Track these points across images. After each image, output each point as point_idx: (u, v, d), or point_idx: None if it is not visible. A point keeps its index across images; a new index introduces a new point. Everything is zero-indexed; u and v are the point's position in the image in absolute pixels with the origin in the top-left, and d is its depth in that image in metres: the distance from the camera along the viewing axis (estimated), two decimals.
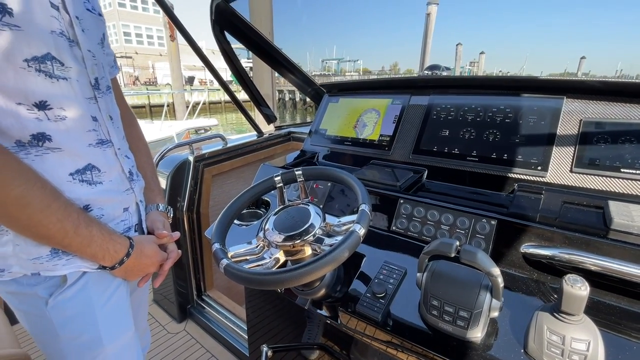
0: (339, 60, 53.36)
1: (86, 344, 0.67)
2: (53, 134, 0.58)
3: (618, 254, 0.62)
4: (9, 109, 0.53)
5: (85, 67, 0.63)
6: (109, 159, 0.68)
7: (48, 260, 0.60)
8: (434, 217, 0.84)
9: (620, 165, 0.82)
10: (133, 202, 0.75)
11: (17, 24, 0.51)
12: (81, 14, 0.65)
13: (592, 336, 0.51)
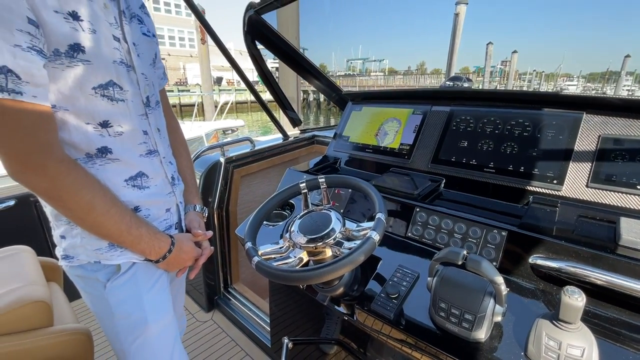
0: (364, 60, 52.98)
1: (134, 323, 0.78)
2: (113, 147, 0.69)
3: (623, 269, 0.65)
4: (80, 128, 0.64)
5: (139, 89, 0.73)
6: (155, 167, 0.78)
7: (107, 252, 0.72)
8: (447, 225, 0.89)
9: (637, 182, 0.83)
10: (174, 203, 0.85)
11: (88, 59, 0.61)
12: (137, 39, 0.75)
13: (588, 343, 0.55)
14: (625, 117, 0.91)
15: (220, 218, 1.85)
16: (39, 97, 0.56)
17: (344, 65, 59.14)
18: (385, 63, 57.40)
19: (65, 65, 0.58)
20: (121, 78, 0.68)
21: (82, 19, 0.59)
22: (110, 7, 0.66)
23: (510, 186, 1.00)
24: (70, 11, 0.58)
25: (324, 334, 1.18)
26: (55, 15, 0.56)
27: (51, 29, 0.55)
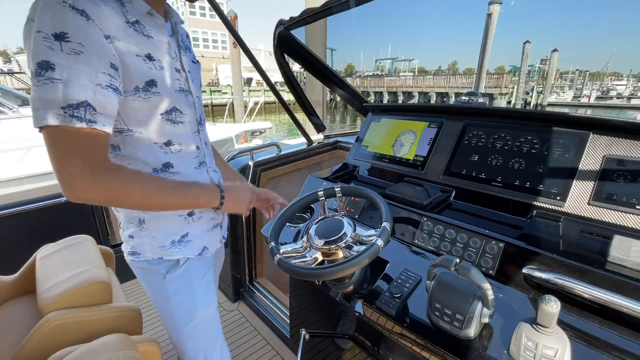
0: (393, 60, 52.17)
1: (188, 309, 0.93)
2: (174, 162, 0.80)
3: (606, 283, 0.71)
4: (150, 147, 0.76)
5: (194, 110, 0.85)
6: (204, 177, 0.90)
7: (169, 249, 0.86)
8: (450, 235, 0.98)
9: (637, 202, 0.87)
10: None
11: (159, 92, 0.73)
12: (190, 67, 0.86)
13: (561, 346, 0.63)
14: (631, 139, 0.95)
15: (248, 217, 2.02)
16: (107, 125, 0.65)
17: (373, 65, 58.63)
18: (414, 63, 56.24)
19: (142, 98, 0.70)
20: (181, 103, 0.79)
21: (154, 59, 0.71)
22: (172, 44, 0.79)
23: (516, 200, 1.07)
24: (147, 53, 0.70)
25: (338, 329, 1.29)
26: (136, 58, 0.68)
27: (133, 70, 0.68)
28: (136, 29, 0.68)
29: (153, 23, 0.72)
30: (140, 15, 0.69)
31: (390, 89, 27.88)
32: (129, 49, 0.66)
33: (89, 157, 0.61)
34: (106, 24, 0.62)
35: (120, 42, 0.64)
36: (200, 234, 0.92)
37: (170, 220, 0.86)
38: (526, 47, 20.02)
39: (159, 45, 0.73)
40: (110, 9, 0.64)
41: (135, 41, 0.67)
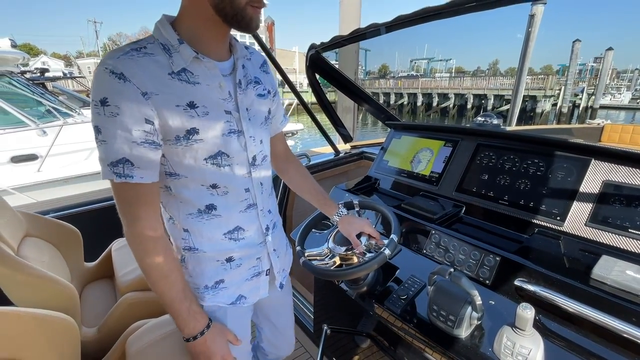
0: (429, 60, 50.85)
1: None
2: (218, 205, 0.79)
3: (586, 298, 0.82)
4: (196, 189, 0.76)
5: (246, 151, 0.80)
6: (251, 219, 0.85)
7: (202, 293, 0.85)
8: (454, 247, 1.11)
9: (629, 226, 0.95)
10: (265, 252, 0.91)
11: (201, 138, 0.71)
12: (251, 103, 0.81)
13: (535, 346, 0.75)
14: (630, 167, 1.02)
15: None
16: (145, 177, 0.67)
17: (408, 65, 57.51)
18: (452, 62, 54.36)
19: (184, 145, 0.70)
20: (228, 146, 0.76)
21: (198, 106, 0.69)
22: (226, 85, 0.74)
23: (519, 218, 1.17)
24: (189, 102, 0.68)
25: (355, 326, 1.46)
26: (175, 109, 0.67)
27: (172, 121, 0.67)
28: (181, 78, 0.68)
29: (202, 67, 0.71)
30: (187, 63, 0.68)
31: (425, 90, 27.20)
32: (168, 101, 0.66)
33: (129, 210, 0.69)
34: (144, 81, 0.63)
35: (159, 96, 0.65)
36: (238, 282, 0.88)
37: (207, 264, 0.83)
38: (576, 46, 18.70)
39: (207, 90, 0.71)
40: (153, 64, 0.65)
41: (177, 91, 0.67)
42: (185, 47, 0.68)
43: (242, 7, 0.66)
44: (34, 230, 1.23)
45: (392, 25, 1.39)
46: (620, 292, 0.81)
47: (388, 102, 29.10)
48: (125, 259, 1.34)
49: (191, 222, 0.79)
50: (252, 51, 0.89)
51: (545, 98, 20.82)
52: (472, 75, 37.32)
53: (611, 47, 22.17)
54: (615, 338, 0.75)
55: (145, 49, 0.66)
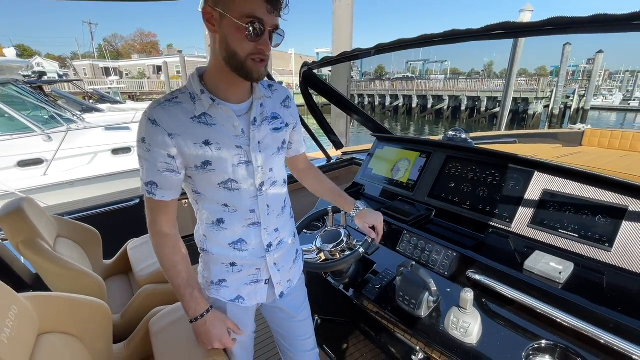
0: (424, 61, 51.29)
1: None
2: (226, 219, 0.93)
3: (518, 283, 1.03)
4: (211, 206, 0.92)
5: (253, 179, 0.92)
6: (254, 235, 0.96)
7: (208, 286, 1.00)
8: (422, 245, 1.32)
9: (559, 227, 1.18)
10: (264, 265, 1.01)
11: (214, 168, 0.86)
12: (264, 137, 0.92)
13: (474, 321, 0.97)
14: (564, 179, 1.24)
15: None
16: (165, 196, 0.86)
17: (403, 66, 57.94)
18: (447, 64, 54.85)
19: (201, 173, 0.87)
20: (237, 175, 0.89)
21: (211, 143, 0.84)
22: (239, 124, 0.87)
23: (478, 220, 1.39)
24: (204, 140, 0.84)
25: (343, 316, 1.67)
26: (193, 146, 0.83)
27: (190, 155, 0.84)
28: (200, 121, 0.83)
29: (219, 111, 0.85)
30: (206, 108, 0.83)
31: (420, 92, 27.52)
32: (188, 140, 0.82)
33: (151, 217, 0.89)
34: (170, 125, 0.81)
35: (181, 137, 0.82)
36: (238, 284, 1.00)
37: (214, 264, 0.98)
38: (566, 49, 19.11)
39: (221, 130, 0.85)
40: (180, 111, 0.82)
41: (196, 132, 0.83)
42: (206, 96, 0.83)
43: (243, 60, 0.79)
44: (62, 232, 1.43)
45: (379, 50, 1.60)
46: (543, 279, 1.03)
47: (384, 104, 29.37)
48: (142, 256, 1.53)
49: (208, 229, 0.96)
50: (277, 89, 1.00)
51: (537, 100, 21.23)
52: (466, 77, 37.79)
53: (601, 50, 22.64)
54: (537, 315, 0.97)
55: (176, 99, 0.84)
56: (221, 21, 0.76)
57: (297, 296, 1.17)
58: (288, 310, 1.14)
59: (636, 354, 0.78)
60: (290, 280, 1.10)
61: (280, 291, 1.06)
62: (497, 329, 0.99)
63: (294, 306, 1.15)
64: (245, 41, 0.76)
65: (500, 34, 1.19)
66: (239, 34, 0.75)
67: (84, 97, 13.58)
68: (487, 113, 23.42)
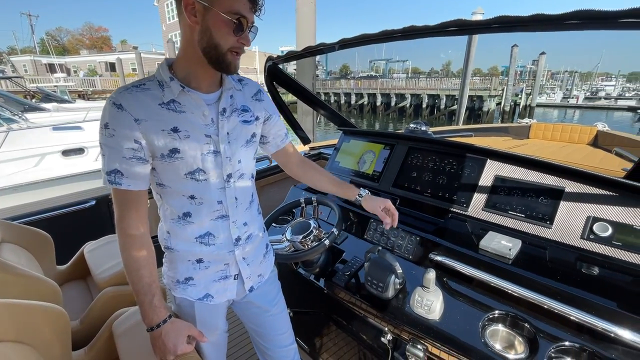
0: (387, 61, 52.81)
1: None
2: (193, 213, 0.90)
3: (474, 262, 1.12)
4: (177, 198, 0.89)
5: (221, 169, 0.91)
6: (222, 228, 0.95)
7: (174, 285, 0.98)
8: (388, 232, 1.38)
9: (508, 209, 1.29)
10: (233, 259, 0.99)
11: (182, 157, 0.84)
12: (233, 128, 0.92)
13: (436, 298, 1.03)
14: (512, 165, 1.36)
15: None
16: (132, 186, 0.81)
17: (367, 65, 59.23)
18: (408, 64, 56.91)
19: (168, 162, 0.84)
20: (206, 164, 0.88)
21: (180, 130, 0.83)
22: (209, 113, 0.87)
23: (438, 206, 1.47)
24: (172, 127, 0.82)
25: (314, 306, 1.69)
26: (161, 133, 0.81)
27: (157, 143, 0.81)
28: (169, 108, 0.82)
29: (188, 98, 0.84)
30: (175, 95, 0.82)
31: (384, 90, 28.33)
32: (155, 126, 0.80)
33: (119, 210, 0.84)
34: (137, 110, 0.78)
35: (148, 122, 0.79)
36: (206, 282, 0.97)
37: (180, 261, 0.95)
38: (514, 50, 20.63)
39: (190, 117, 0.84)
40: (148, 97, 0.80)
41: (164, 118, 0.81)
42: (175, 83, 0.82)
43: (224, 53, 0.81)
44: (8, 237, 1.31)
45: (343, 45, 1.64)
46: (496, 257, 1.13)
47: (349, 102, 29.85)
48: (101, 259, 1.45)
49: (172, 225, 0.92)
50: (247, 83, 1.01)
51: (491, 98, 22.73)
52: (427, 76, 39.49)
53: (544, 52, 24.70)
54: (491, 288, 1.06)
55: (144, 85, 0.82)
56: (205, 14, 0.77)
57: (270, 290, 1.15)
58: (260, 304, 1.12)
59: (573, 314, 0.88)
60: (261, 275, 1.10)
61: (250, 285, 1.05)
62: (456, 304, 1.06)
63: (267, 300, 1.14)
64: (230, 35, 0.79)
65: (454, 31, 1.27)
66: (225, 28, 0.78)
67: (25, 95, 12.37)
68: (446, 110, 24.67)
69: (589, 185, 1.17)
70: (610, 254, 1.05)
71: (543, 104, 33.92)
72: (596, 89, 47.13)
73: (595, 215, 1.11)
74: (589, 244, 1.10)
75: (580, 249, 1.11)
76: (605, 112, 31.89)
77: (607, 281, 1.00)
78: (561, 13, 0.95)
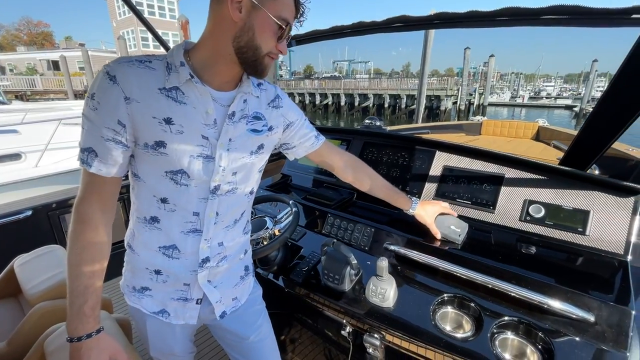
0: (350, 62, 53.81)
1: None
2: (162, 219, 0.80)
3: (427, 249, 1.16)
4: (147, 197, 0.80)
5: (209, 178, 0.80)
6: (191, 244, 0.83)
7: (129, 292, 0.89)
8: (344, 225, 1.39)
9: (456, 196, 1.35)
10: (195, 281, 0.87)
11: (167, 153, 0.74)
12: (238, 136, 0.82)
13: (389, 286, 1.05)
14: (458, 155, 1.43)
15: None
16: (103, 170, 0.72)
17: (331, 66, 59.91)
18: (370, 65, 58.44)
19: (150, 154, 0.74)
20: (192, 168, 0.77)
21: (174, 123, 0.73)
22: (214, 113, 0.77)
23: None
24: (165, 117, 0.72)
25: (278, 308, 1.66)
26: (151, 120, 0.72)
27: (143, 129, 0.72)
28: (169, 95, 0.73)
29: (194, 90, 0.75)
30: (180, 83, 0.73)
31: (347, 91, 28.83)
32: (146, 111, 0.71)
33: (80, 194, 0.74)
34: (132, 87, 0.69)
35: (140, 105, 0.70)
36: (163, 297, 0.88)
37: (138, 267, 0.86)
38: (467, 53, 21.96)
39: (190, 112, 0.75)
40: (150, 76, 0.72)
41: (159, 105, 0.72)
42: (185, 69, 0.73)
43: (262, 56, 0.75)
44: None
45: (299, 41, 1.63)
46: (447, 242, 1.17)
47: (314, 102, 30.00)
48: (33, 272, 1.30)
49: (138, 226, 0.84)
50: (266, 88, 0.91)
51: (447, 97, 24.02)
52: (388, 77, 40.77)
53: (493, 54, 26.55)
54: (441, 273, 1.10)
55: (149, 63, 0.73)
56: (253, 12, 0.71)
57: (249, 314, 1.03)
58: (236, 331, 1.01)
59: (513, 291, 0.94)
60: (237, 298, 0.98)
61: (221, 310, 0.93)
62: (409, 290, 1.09)
63: (244, 326, 1.02)
64: (272, 40, 0.75)
65: (400, 27, 1.31)
66: (270, 32, 0.73)
67: None
68: (406, 110, 25.65)
69: (526, 171, 1.26)
70: (544, 233, 1.14)
71: (494, 103, 36.50)
72: (539, 89, 51.69)
73: (531, 199, 1.20)
74: (526, 225, 1.18)
75: (519, 231, 1.19)
76: (547, 110, 35.02)
77: (541, 258, 1.08)
78: (492, 10, 1.02)
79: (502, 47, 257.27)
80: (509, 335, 0.92)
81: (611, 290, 0.92)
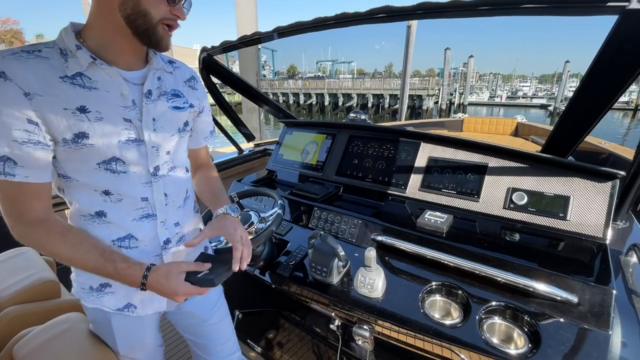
0: (333, 62, 54.01)
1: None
2: (109, 212, 0.77)
3: (414, 239, 1.16)
4: (87, 194, 0.75)
5: (146, 161, 0.78)
6: (147, 230, 0.82)
7: (86, 294, 0.84)
8: (331, 218, 1.37)
9: (442, 187, 1.36)
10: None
11: (92, 143, 0.70)
12: (162, 114, 0.79)
13: (378, 277, 1.04)
14: (442, 146, 1.44)
15: None
16: (31, 177, 0.66)
17: (314, 66, 59.96)
18: (353, 65, 58.87)
19: (73, 149, 0.69)
20: (125, 154, 0.75)
21: (90, 110, 0.68)
22: (129, 93, 0.74)
23: (378, 190, 1.51)
24: (78, 106, 0.67)
25: (265, 305, 1.62)
26: (63, 112, 0.66)
27: (58, 124, 0.66)
28: (74, 82, 0.68)
29: (102, 73, 0.70)
30: (82, 68, 0.68)
31: (331, 90, 28.92)
32: (54, 104, 0.65)
33: (14, 207, 0.68)
34: (29, 81, 0.63)
35: (44, 98, 0.64)
36: (127, 290, 0.83)
37: None
38: (447, 53, 22.49)
39: (104, 96, 0.71)
40: (44, 66, 0.65)
41: (67, 95, 0.67)
42: (83, 53, 0.68)
43: (154, 24, 0.69)
44: None
45: (281, 33, 1.59)
46: (433, 233, 1.17)
47: (298, 102, 29.94)
48: (1, 276, 1.22)
49: (82, 224, 0.78)
50: (179, 66, 0.90)
51: (429, 97, 24.49)
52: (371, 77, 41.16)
53: (472, 55, 27.30)
54: (428, 262, 1.10)
55: (39, 52, 0.66)
56: None
57: (208, 297, 1.03)
58: (198, 314, 1.01)
59: (499, 276, 0.95)
60: None
61: None
62: (398, 280, 1.09)
63: (205, 308, 1.03)
64: (162, 3, 0.68)
65: (383, 17, 1.30)
66: None
67: None
68: (390, 109, 25.99)
69: (508, 160, 1.28)
70: (527, 220, 1.16)
71: (474, 103, 37.53)
72: (516, 89, 53.46)
73: (514, 187, 1.22)
74: (509, 212, 1.19)
75: (503, 218, 1.20)
76: (524, 109, 36.27)
77: (525, 244, 1.10)
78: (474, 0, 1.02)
79: (481, 48, 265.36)
80: (497, 320, 0.92)
81: (592, 272, 0.94)
